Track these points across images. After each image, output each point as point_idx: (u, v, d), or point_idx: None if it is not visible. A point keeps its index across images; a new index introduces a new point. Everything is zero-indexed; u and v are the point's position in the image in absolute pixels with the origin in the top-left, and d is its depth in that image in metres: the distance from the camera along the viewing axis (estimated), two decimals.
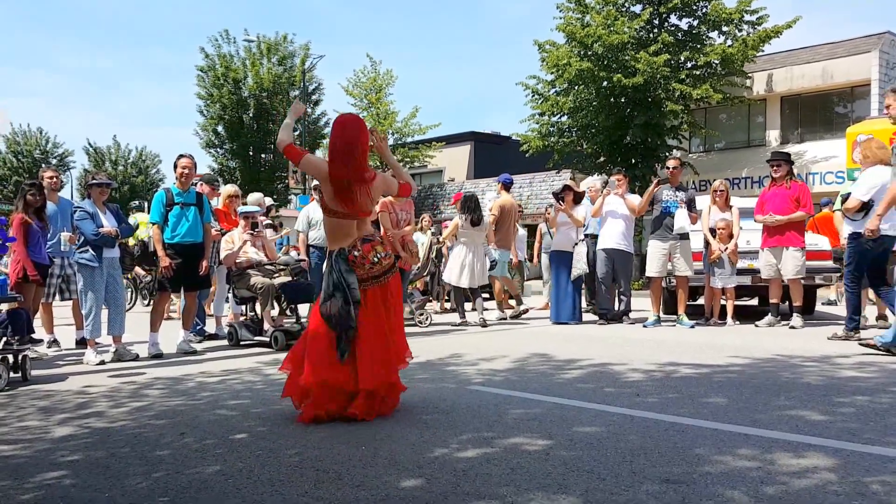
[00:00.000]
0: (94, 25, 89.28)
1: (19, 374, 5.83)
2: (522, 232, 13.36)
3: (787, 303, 8.93)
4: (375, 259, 4.14)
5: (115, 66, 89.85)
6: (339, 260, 4.12)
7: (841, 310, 11.11)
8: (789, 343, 6.89)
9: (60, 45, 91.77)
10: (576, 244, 9.69)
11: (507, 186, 10.43)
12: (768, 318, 8.52)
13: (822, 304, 12.43)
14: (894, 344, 5.93)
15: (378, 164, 19.10)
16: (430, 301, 11.88)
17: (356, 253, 4.13)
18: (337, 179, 4.11)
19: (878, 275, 6.80)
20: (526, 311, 10.64)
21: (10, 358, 5.77)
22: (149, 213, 7.85)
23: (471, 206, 9.53)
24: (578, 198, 9.99)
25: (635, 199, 9.51)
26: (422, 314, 9.77)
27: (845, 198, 7.11)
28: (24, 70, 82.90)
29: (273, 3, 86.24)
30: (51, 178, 8.11)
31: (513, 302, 10.87)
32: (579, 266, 9.49)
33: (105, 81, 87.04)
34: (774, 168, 8.60)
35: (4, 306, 6.17)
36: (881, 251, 6.61)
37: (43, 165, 30.73)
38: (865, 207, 6.69)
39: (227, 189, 9.46)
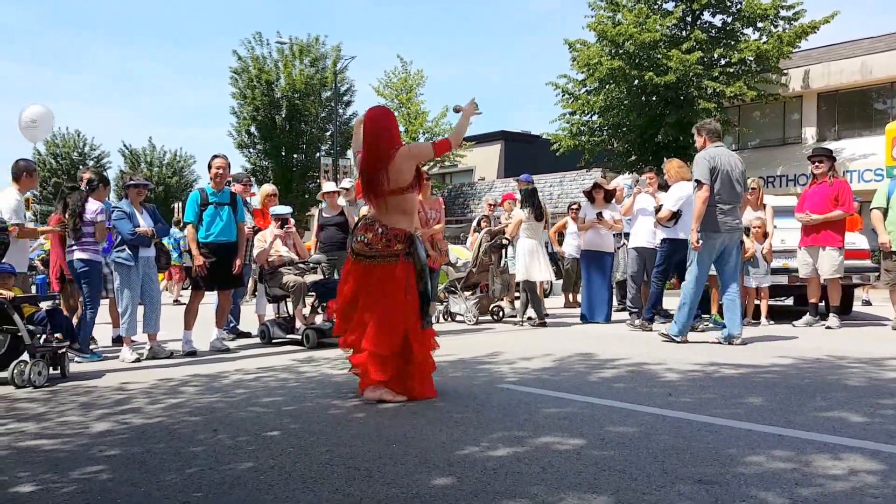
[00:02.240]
0: (123, 26, 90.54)
1: (58, 371, 5.97)
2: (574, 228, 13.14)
3: (824, 302, 8.77)
4: (360, 238, 4.63)
5: (144, 66, 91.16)
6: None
7: (877, 310, 10.88)
8: (827, 343, 6.76)
9: (90, 46, 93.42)
10: (618, 248, 9.56)
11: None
12: (806, 317, 8.36)
13: (862, 303, 12.17)
14: (678, 334, 6.99)
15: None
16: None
17: (357, 228, 4.73)
18: (361, 169, 4.68)
19: (683, 269, 7.74)
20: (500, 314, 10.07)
21: (49, 355, 5.90)
22: (183, 214, 7.99)
23: (534, 200, 9.37)
24: (609, 196, 9.92)
25: None
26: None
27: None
28: (55, 71, 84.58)
29: (303, 4, 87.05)
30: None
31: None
32: (620, 270, 9.37)
33: (136, 82, 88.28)
34: (816, 164, 8.41)
35: (44, 304, 6.33)
36: (685, 252, 7.58)
37: (81, 167, 31.36)
38: (675, 216, 8.09)
39: (265, 189, 9.67)
